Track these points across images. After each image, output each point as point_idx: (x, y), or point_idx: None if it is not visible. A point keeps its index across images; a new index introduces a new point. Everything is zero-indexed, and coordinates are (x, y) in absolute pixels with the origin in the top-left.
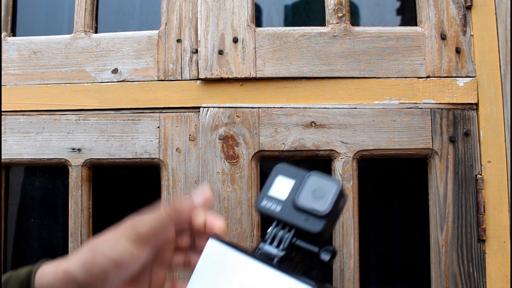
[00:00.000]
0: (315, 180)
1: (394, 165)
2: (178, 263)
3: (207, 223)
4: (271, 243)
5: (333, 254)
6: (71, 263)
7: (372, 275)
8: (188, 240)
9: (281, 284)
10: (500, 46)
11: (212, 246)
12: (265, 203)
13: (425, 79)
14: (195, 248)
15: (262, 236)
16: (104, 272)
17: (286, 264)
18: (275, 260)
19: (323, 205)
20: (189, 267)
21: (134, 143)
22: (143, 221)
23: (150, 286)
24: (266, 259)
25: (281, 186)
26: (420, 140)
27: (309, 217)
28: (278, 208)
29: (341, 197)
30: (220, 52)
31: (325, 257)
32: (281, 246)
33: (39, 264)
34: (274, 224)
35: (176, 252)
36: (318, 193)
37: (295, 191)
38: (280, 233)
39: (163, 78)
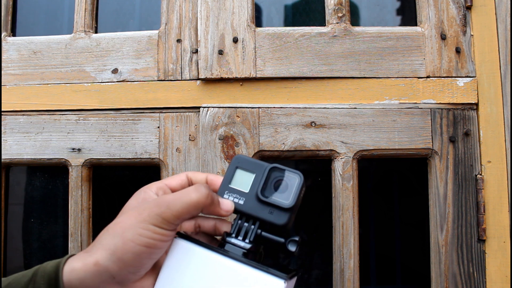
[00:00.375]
0: (276, 172)
1: (394, 165)
2: (189, 229)
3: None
4: (236, 236)
5: (299, 244)
6: (99, 256)
7: (372, 275)
8: (193, 225)
9: (253, 278)
10: (500, 46)
11: (178, 245)
12: (227, 196)
13: (425, 79)
14: (201, 230)
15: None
16: (138, 257)
17: (253, 256)
18: (242, 252)
19: (287, 198)
20: (200, 229)
21: (134, 143)
22: (170, 207)
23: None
24: (234, 253)
25: (242, 179)
26: (420, 140)
27: (273, 210)
28: (241, 201)
29: (302, 188)
30: (220, 52)
31: (292, 248)
32: (247, 239)
33: (65, 260)
34: (237, 217)
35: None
36: (281, 185)
37: (257, 183)
38: (245, 225)
39: (163, 78)
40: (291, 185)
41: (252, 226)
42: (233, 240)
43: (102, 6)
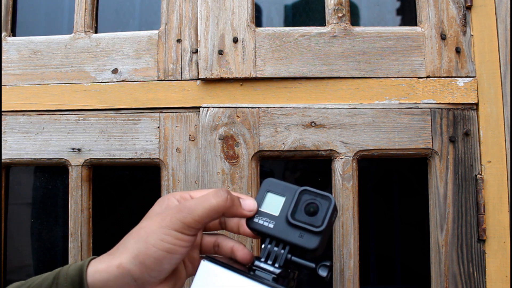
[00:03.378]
0: (307, 195)
1: (394, 165)
2: (208, 245)
3: (240, 230)
4: (266, 260)
5: (330, 269)
6: (123, 258)
7: (372, 275)
8: (217, 221)
9: None
10: (500, 46)
11: (205, 268)
12: (257, 220)
13: (425, 79)
14: (225, 228)
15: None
16: (159, 262)
17: (283, 281)
18: (272, 277)
19: (318, 221)
20: (219, 248)
21: (134, 143)
22: (191, 212)
23: (186, 266)
24: (263, 277)
25: (272, 202)
26: (420, 140)
27: (304, 233)
28: (271, 225)
29: (334, 211)
30: (220, 52)
31: (323, 273)
32: (277, 263)
33: (88, 261)
34: (267, 241)
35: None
36: (312, 208)
37: (288, 207)
38: (275, 249)
39: (163, 78)
40: (322, 208)
41: (282, 251)
42: (263, 265)
43: (102, 6)
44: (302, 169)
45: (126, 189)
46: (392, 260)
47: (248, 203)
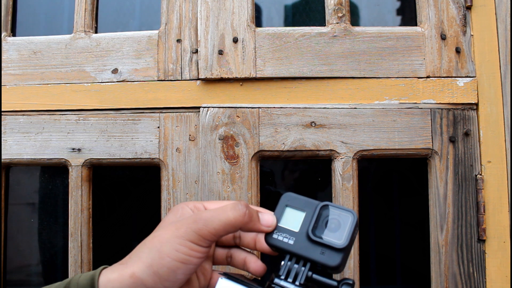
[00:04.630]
0: (328, 210)
1: (394, 165)
2: (221, 256)
3: (257, 246)
4: (286, 278)
5: (352, 286)
6: (136, 268)
7: (372, 275)
8: (230, 236)
9: None
10: (500, 46)
11: (223, 286)
12: (277, 236)
13: (425, 79)
14: (239, 243)
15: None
16: (173, 272)
17: None
18: None
19: (340, 238)
20: (232, 260)
21: (134, 143)
22: (207, 224)
23: (198, 278)
24: None
25: (292, 217)
26: (420, 140)
27: (325, 250)
28: (291, 241)
29: (356, 227)
30: (220, 52)
31: None
32: (297, 281)
33: (99, 271)
34: (287, 257)
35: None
36: (333, 224)
37: (308, 222)
38: (295, 267)
39: (163, 78)
40: (344, 224)
41: (303, 268)
42: (283, 283)
43: (102, 6)
44: (302, 169)
45: (126, 189)
46: (392, 260)
47: (267, 218)
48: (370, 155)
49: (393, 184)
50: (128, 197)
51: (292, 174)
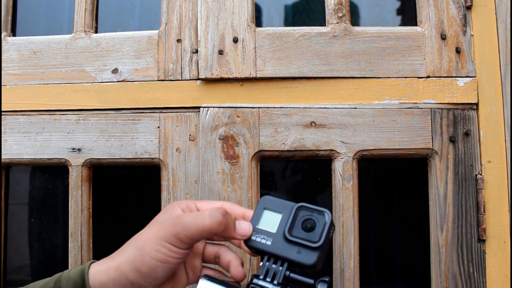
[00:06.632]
0: (303, 211)
1: (394, 165)
2: (209, 254)
3: (241, 244)
4: (264, 278)
5: (329, 284)
6: (120, 262)
7: (372, 275)
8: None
9: None
10: (500, 46)
11: (204, 286)
12: (255, 237)
13: (425, 79)
14: (229, 240)
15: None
16: (153, 269)
17: None
18: None
19: (315, 237)
20: (219, 260)
21: (134, 143)
22: (185, 229)
23: (187, 273)
24: None
25: (269, 219)
26: (420, 140)
27: (301, 250)
28: (269, 242)
29: (331, 226)
30: (220, 52)
31: None
32: (276, 281)
33: (88, 264)
34: (265, 258)
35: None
36: (309, 224)
37: (285, 223)
38: (273, 267)
39: (163, 78)
40: (319, 223)
41: (280, 268)
42: (261, 282)
43: (102, 6)
44: (302, 169)
45: (126, 189)
46: (392, 260)
47: (244, 228)
48: (370, 155)
49: (393, 184)
50: (128, 197)
51: (292, 174)
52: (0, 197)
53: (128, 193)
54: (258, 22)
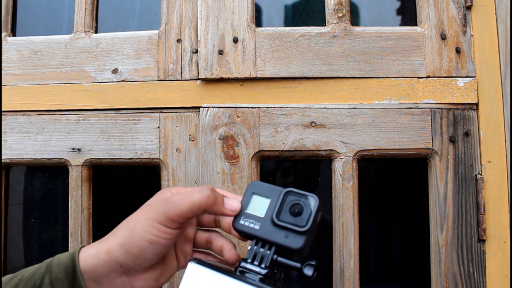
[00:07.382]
0: (291, 196)
1: (394, 165)
2: (201, 240)
3: (231, 230)
4: (252, 261)
5: (316, 268)
6: (110, 245)
7: (372, 275)
8: (211, 218)
9: None
10: (500, 46)
11: (192, 270)
12: (243, 222)
13: (425, 79)
14: (219, 226)
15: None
16: (142, 251)
17: (270, 281)
18: (259, 278)
19: (303, 221)
20: (211, 245)
21: (134, 143)
22: (174, 206)
23: (178, 258)
24: (249, 278)
25: (258, 204)
26: (420, 140)
27: (289, 234)
28: (257, 226)
29: (319, 211)
30: (220, 52)
31: (308, 272)
32: (263, 264)
33: (79, 248)
34: (253, 242)
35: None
36: (296, 209)
37: (273, 208)
38: (261, 251)
39: (163, 78)
40: (307, 208)
41: (268, 252)
42: (249, 266)
43: (102, 6)
44: (302, 169)
45: (126, 189)
46: (392, 260)
47: (232, 203)
48: (370, 155)
49: (393, 184)
50: (128, 197)
51: (292, 174)
52: (0, 197)
53: (128, 193)
54: (258, 22)
